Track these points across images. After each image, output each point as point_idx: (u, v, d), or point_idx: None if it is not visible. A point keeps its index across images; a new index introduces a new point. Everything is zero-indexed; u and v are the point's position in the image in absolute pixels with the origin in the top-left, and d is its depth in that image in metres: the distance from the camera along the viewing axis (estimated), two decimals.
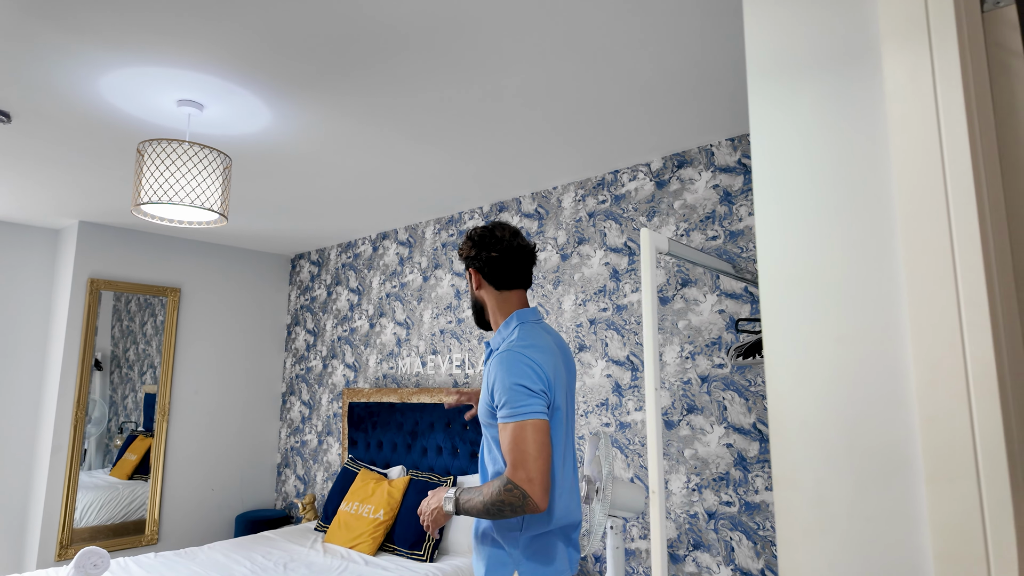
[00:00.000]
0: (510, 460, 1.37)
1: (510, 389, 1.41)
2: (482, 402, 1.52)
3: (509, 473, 1.37)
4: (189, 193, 2.07)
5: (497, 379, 1.43)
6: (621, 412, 2.70)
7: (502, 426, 1.41)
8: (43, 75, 2.01)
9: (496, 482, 1.38)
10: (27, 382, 3.81)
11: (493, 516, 1.38)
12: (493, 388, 1.45)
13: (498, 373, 1.43)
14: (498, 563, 1.48)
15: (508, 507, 1.36)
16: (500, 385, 1.42)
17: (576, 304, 2.93)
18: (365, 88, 2.09)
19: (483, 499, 1.38)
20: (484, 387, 1.52)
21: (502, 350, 1.48)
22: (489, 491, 1.38)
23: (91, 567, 2.13)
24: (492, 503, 1.36)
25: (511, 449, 1.37)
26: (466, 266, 1.65)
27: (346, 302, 4.21)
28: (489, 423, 1.52)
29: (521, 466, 1.36)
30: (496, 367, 1.45)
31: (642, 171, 2.79)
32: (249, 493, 4.41)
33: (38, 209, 3.54)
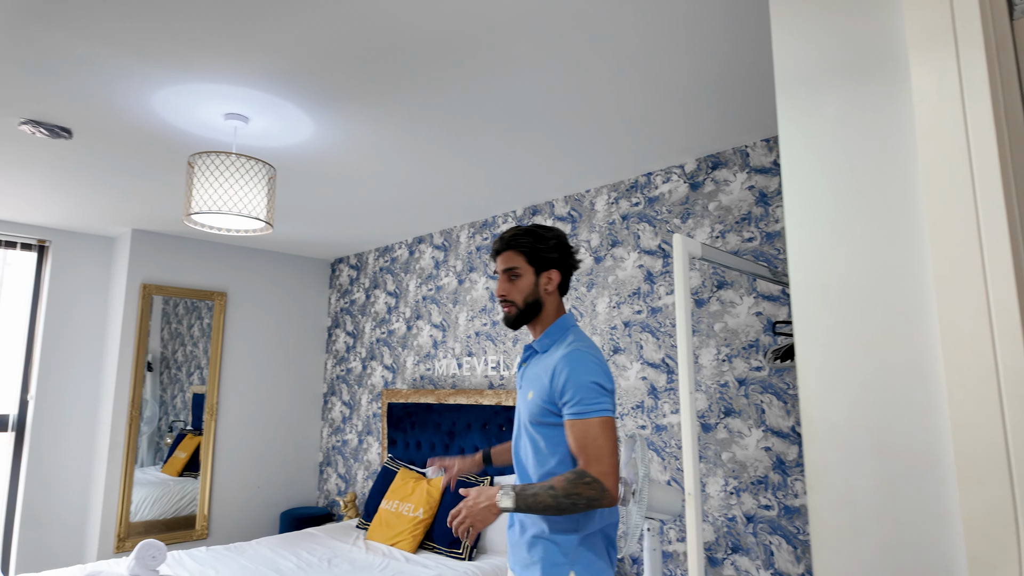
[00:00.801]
0: (586, 455, 1.40)
1: (585, 386, 1.44)
2: (534, 402, 1.52)
3: (585, 467, 1.39)
4: (237, 203, 2.16)
5: (568, 376, 1.44)
6: (657, 415, 2.70)
7: (573, 422, 1.43)
8: (102, 93, 2.13)
9: (570, 476, 1.38)
10: (86, 382, 4.01)
11: (564, 511, 1.36)
12: (561, 386, 1.45)
13: (569, 371, 1.45)
14: (553, 565, 1.47)
15: (584, 500, 1.37)
16: (573, 382, 1.43)
17: (610, 307, 2.94)
18: (402, 97, 2.15)
19: (555, 493, 1.36)
20: (540, 386, 1.51)
21: (570, 350, 1.49)
22: (564, 485, 1.37)
23: (150, 559, 2.24)
24: (567, 496, 1.35)
25: (586, 444, 1.40)
26: (544, 264, 1.60)
27: (384, 305, 4.31)
28: (542, 422, 1.50)
29: (597, 461, 1.38)
30: (564, 365, 1.46)
31: (676, 173, 2.78)
32: (293, 491, 4.55)
33: (95, 218, 3.73)
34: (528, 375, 1.60)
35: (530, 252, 1.59)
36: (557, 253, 1.61)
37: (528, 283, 1.60)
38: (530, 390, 1.54)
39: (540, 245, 1.60)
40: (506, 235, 1.63)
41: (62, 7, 1.64)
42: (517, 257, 1.59)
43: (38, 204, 3.43)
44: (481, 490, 1.41)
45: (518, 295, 1.58)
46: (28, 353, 3.92)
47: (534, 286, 1.60)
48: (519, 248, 1.59)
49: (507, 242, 1.61)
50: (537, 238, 1.61)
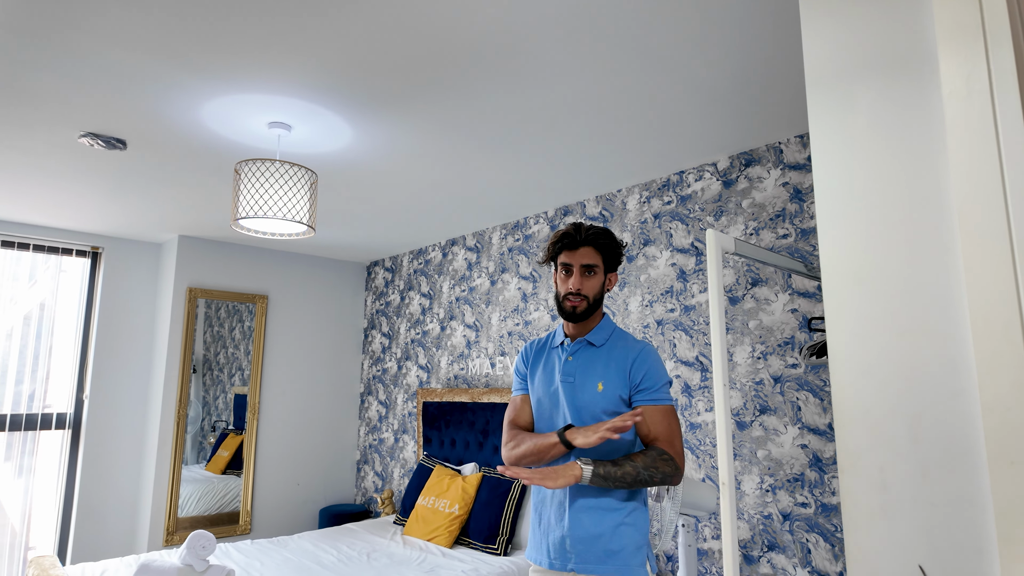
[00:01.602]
0: (665, 435, 1.54)
1: (662, 377, 1.60)
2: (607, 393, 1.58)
3: (665, 446, 1.54)
4: (281, 207, 2.26)
5: (649, 368, 1.59)
6: (691, 413, 2.71)
7: (653, 408, 1.56)
8: (155, 106, 2.25)
9: (649, 452, 1.51)
10: (136, 382, 4.19)
11: (641, 484, 1.48)
12: (641, 376, 1.57)
13: (650, 363, 1.60)
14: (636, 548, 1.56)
15: (660, 475, 1.50)
16: (653, 373, 1.59)
17: (643, 305, 2.96)
18: (436, 103, 2.22)
19: (635, 466, 1.48)
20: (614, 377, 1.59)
21: (645, 346, 1.63)
22: (644, 460, 1.49)
23: (200, 548, 2.35)
24: (646, 469, 1.48)
25: (666, 427, 1.55)
26: (611, 266, 1.68)
27: (418, 306, 4.39)
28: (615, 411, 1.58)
29: (673, 441, 1.55)
30: (644, 358, 1.60)
31: (708, 171, 2.79)
32: (331, 488, 4.66)
33: (145, 225, 3.90)
34: (584, 367, 1.64)
35: (607, 253, 1.66)
36: (621, 259, 1.71)
37: (600, 281, 1.67)
38: (599, 381, 1.61)
39: (616, 248, 1.68)
40: (583, 230, 1.65)
41: (119, 25, 1.75)
42: (596, 255, 1.65)
43: (92, 212, 3.60)
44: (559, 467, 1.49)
45: (591, 291, 1.64)
46: (83, 354, 4.12)
47: (602, 285, 1.68)
48: (599, 247, 1.66)
49: (589, 238, 1.64)
50: (613, 240, 1.69)
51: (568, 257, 1.65)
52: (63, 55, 1.90)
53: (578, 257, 1.64)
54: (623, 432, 1.47)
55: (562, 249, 1.66)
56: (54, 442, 4.12)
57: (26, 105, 2.24)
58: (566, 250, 1.65)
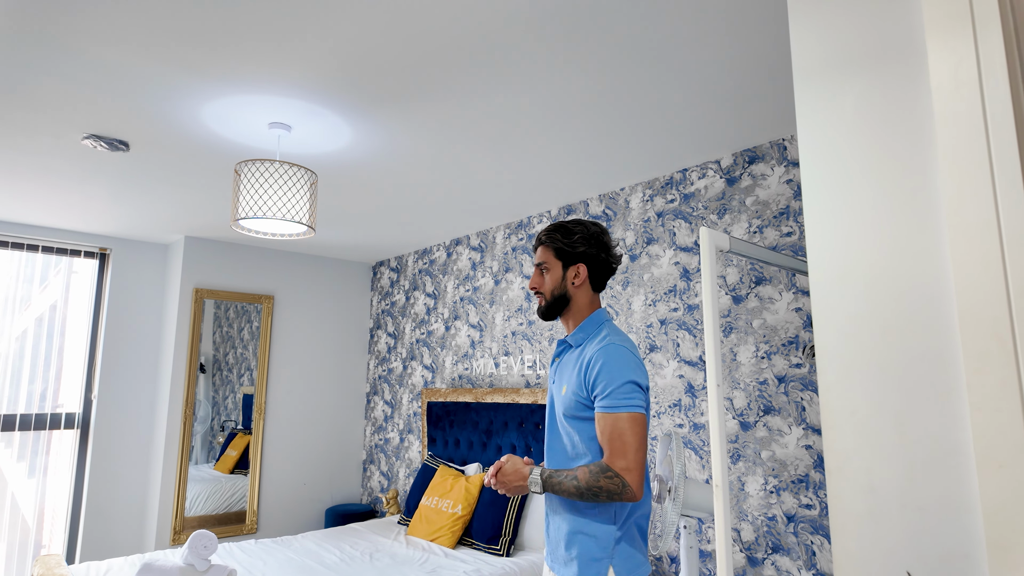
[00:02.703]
0: (611, 448, 1.42)
1: (618, 381, 1.45)
2: (568, 396, 1.54)
3: (608, 461, 1.41)
4: (281, 208, 2.26)
5: (601, 370, 1.46)
6: (694, 413, 2.68)
7: (602, 415, 1.44)
8: (156, 108, 2.26)
9: (593, 468, 1.42)
10: (144, 383, 4.23)
11: (588, 499, 1.41)
12: (593, 379, 1.47)
13: (602, 364, 1.47)
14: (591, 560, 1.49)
15: (605, 493, 1.40)
16: (606, 375, 1.45)
17: (646, 304, 2.94)
18: (436, 102, 2.21)
19: (578, 483, 1.41)
20: (574, 380, 1.53)
21: (605, 344, 1.51)
22: (586, 476, 1.41)
23: (202, 548, 2.36)
24: (588, 488, 1.40)
25: (612, 438, 1.42)
26: (570, 259, 1.63)
27: (423, 306, 4.39)
28: (576, 416, 1.53)
29: (621, 455, 1.40)
30: (600, 358, 1.48)
31: (712, 168, 2.76)
32: (337, 488, 4.67)
33: (151, 227, 3.93)
34: (561, 369, 1.64)
35: (557, 247, 1.65)
36: (584, 247, 1.62)
37: (556, 277, 1.65)
38: (564, 384, 1.57)
39: (565, 239, 1.64)
40: (542, 231, 1.72)
41: (119, 28, 1.75)
42: (547, 251, 1.67)
43: (99, 214, 3.64)
44: (519, 467, 1.52)
45: (547, 287, 1.66)
46: (91, 354, 4.16)
47: (561, 280, 1.64)
48: (548, 243, 1.68)
49: (540, 239, 1.71)
50: (565, 232, 1.65)
51: (534, 258, 1.74)
52: (65, 58, 1.92)
53: (536, 257, 1.71)
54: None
55: (534, 252, 1.76)
56: (65, 442, 4.16)
57: (30, 108, 2.26)
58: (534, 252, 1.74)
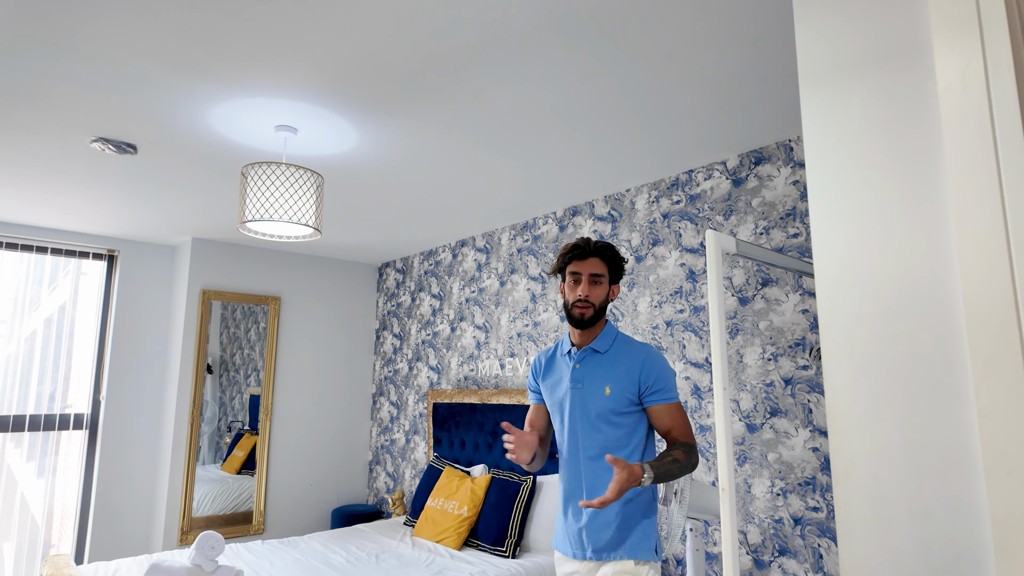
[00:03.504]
0: (682, 429, 1.69)
1: (672, 376, 1.73)
2: (614, 396, 1.70)
3: (685, 437, 1.68)
4: (287, 210, 2.27)
5: (656, 368, 1.71)
6: (701, 415, 2.67)
7: (666, 407, 1.69)
8: (164, 111, 2.28)
9: (681, 447, 1.64)
10: (151, 384, 4.25)
11: (684, 473, 1.62)
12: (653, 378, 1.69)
13: (659, 365, 1.72)
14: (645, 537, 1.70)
15: (691, 466, 1.64)
16: (661, 373, 1.71)
17: (652, 306, 2.93)
18: (441, 104, 2.21)
19: (680, 464, 1.60)
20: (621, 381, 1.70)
21: (650, 349, 1.74)
22: (683, 455, 1.62)
23: (209, 549, 2.37)
24: (687, 463, 1.62)
25: (681, 421, 1.70)
26: (615, 278, 1.82)
27: (429, 307, 4.40)
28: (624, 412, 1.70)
29: (689, 433, 1.70)
30: (653, 361, 1.72)
31: (718, 169, 2.75)
32: (344, 488, 4.69)
33: (158, 228, 3.95)
34: (591, 373, 1.76)
35: (612, 264, 1.80)
36: (622, 273, 1.85)
37: (605, 291, 1.80)
38: (606, 384, 1.73)
39: (620, 261, 1.83)
40: (591, 243, 1.80)
41: (126, 32, 1.76)
42: (603, 265, 1.78)
43: (108, 216, 3.66)
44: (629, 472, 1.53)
45: (597, 298, 1.77)
46: (99, 355, 4.18)
47: (607, 294, 1.81)
48: (606, 258, 1.79)
49: (598, 250, 1.79)
50: (618, 254, 1.84)
51: (577, 267, 1.78)
52: (74, 61, 1.93)
53: (587, 267, 1.77)
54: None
55: (572, 259, 1.79)
56: (74, 442, 4.19)
57: (39, 111, 2.28)
58: (575, 260, 1.79)
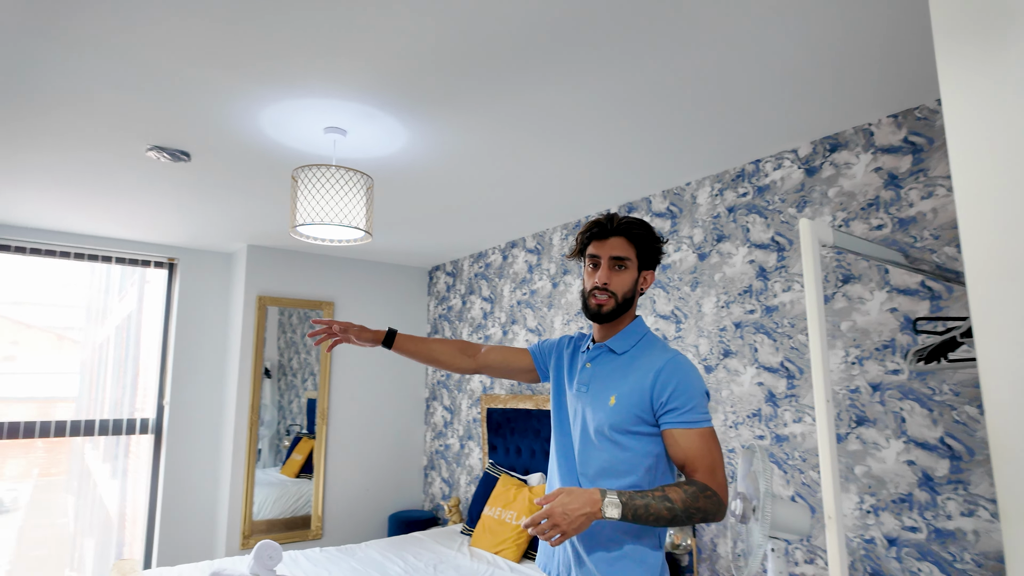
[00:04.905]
0: (704, 465, 1.31)
1: (699, 394, 1.36)
2: (620, 408, 1.37)
3: (705, 478, 1.31)
4: (337, 213, 2.21)
5: (680, 383, 1.34)
6: (776, 424, 2.48)
7: (686, 431, 1.33)
8: (214, 116, 2.26)
9: (686, 487, 1.28)
10: (211, 389, 4.32)
11: (678, 523, 1.27)
12: (669, 393, 1.34)
13: (680, 377, 1.35)
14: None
15: (701, 514, 1.28)
16: (684, 389, 1.34)
17: (718, 307, 2.75)
18: (491, 100, 2.11)
19: (672, 506, 1.23)
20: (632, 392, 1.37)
21: (673, 356, 1.39)
22: (681, 497, 1.25)
23: (267, 559, 2.34)
24: (685, 510, 1.25)
25: (704, 454, 1.32)
26: (646, 262, 1.47)
27: (479, 311, 4.31)
28: (631, 431, 1.36)
29: (712, 472, 1.32)
30: (672, 371, 1.36)
31: (788, 158, 2.55)
32: (400, 494, 4.66)
33: (215, 236, 4.01)
34: (600, 377, 1.45)
35: (642, 245, 1.46)
36: (659, 256, 1.50)
37: (631, 278, 1.46)
38: (612, 394, 1.40)
39: (653, 241, 1.47)
40: (614, 219, 1.46)
41: (176, 36, 1.74)
42: (628, 246, 1.45)
43: (166, 225, 3.73)
44: (575, 492, 1.23)
45: (620, 287, 1.44)
46: (163, 361, 4.28)
47: (634, 283, 1.47)
48: (632, 237, 1.45)
49: (621, 227, 1.45)
50: (650, 232, 1.48)
51: (597, 248, 1.46)
52: (125, 68, 1.92)
53: (607, 248, 1.44)
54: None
55: (591, 240, 1.47)
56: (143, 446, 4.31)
57: (94, 120, 2.30)
58: (595, 240, 1.46)
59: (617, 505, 1.22)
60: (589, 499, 1.22)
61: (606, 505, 1.22)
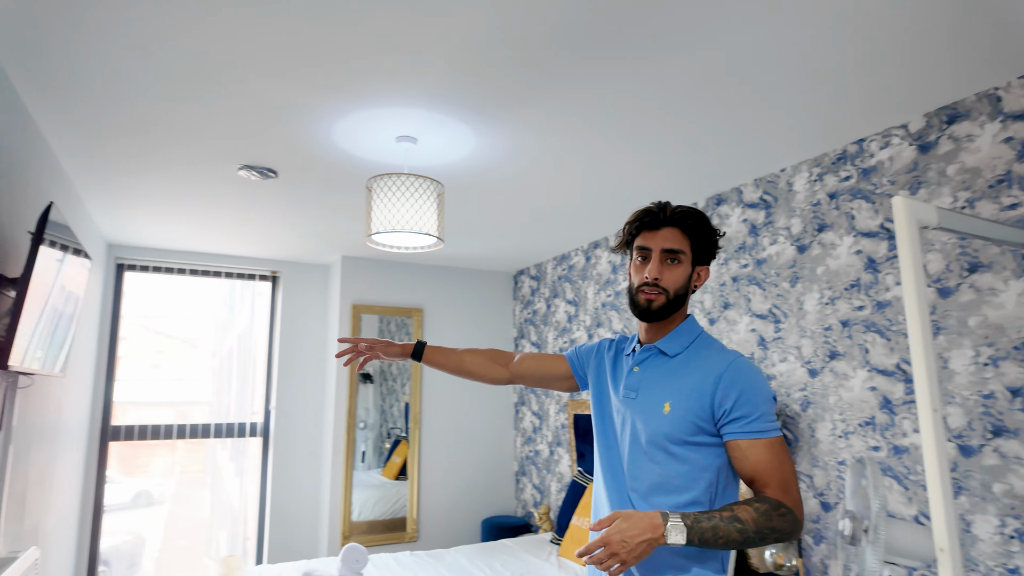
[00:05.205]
0: (776, 480, 1.20)
1: (766, 400, 1.25)
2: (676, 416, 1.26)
3: (778, 494, 1.19)
4: (409, 220, 2.23)
5: (745, 389, 1.24)
6: (894, 433, 2.20)
7: (754, 442, 1.21)
8: (295, 132, 2.35)
9: (758, 506, 1.16)
10: (312, 394, 4.54)
11: (749, 546, 1.16)
12: (733, 400, 1.23)
13: (746, 383, 1.24)
14: None
15: (775, 535, 1.16)
16: (751, 396, 1.23)
17: (822, 303, 2.49)
18: (558, 96, 2.04)
19: (743, 527, 1.12)
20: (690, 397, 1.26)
21: (736, 359, 1.28)
22: (752, 516, 1.14)
23: (353, 562, 2.39)
24: (757, 531, 1.13)
25: (776, 467, 1.20)
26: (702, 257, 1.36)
27: (564, 314, 4.22)
28: (689, 441, 1.25)
29: (785, 487, 1.20)
30: (736, 376, 1.25)
31: (896, 135, 2.27)
32: (493, 498, 4.66)
33: (311, 248, 4.21)
34: (651, 382, 1.34)
35: (697, 238, 1.33)
36: (715, 250, 1.37)
37: (684, 273, 1.34)
38: (666, 400, 1.28)
39: (709, 234, 1.35)
40: (667, 208, 1.34)
41: (251, 56, 1.81)
42: (683, 239, 1.33)
43: (267, 240, 3.96)
44: (634, 516, 1.12)
45: (672, 283, 1.32)
46: (269, 368, 4.56)
47: (687, 279, 1.34)
48: (687, 229, 1.33)
49: (675, 217, 1.33)
50: (707, 224, 1.35)
51: (646, 240, 1.34)
52: (211, 90, 2.04)
53: (659, 240, 1.32)
54: None
55: (640, 230, 1.35)
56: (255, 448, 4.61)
57: (191, 144, 2.46)
58: (645, 231, 1.35)
59: (681, 529, 1.11)
60: (650, 524, 1.11)
61: (669, 530, 1.11)
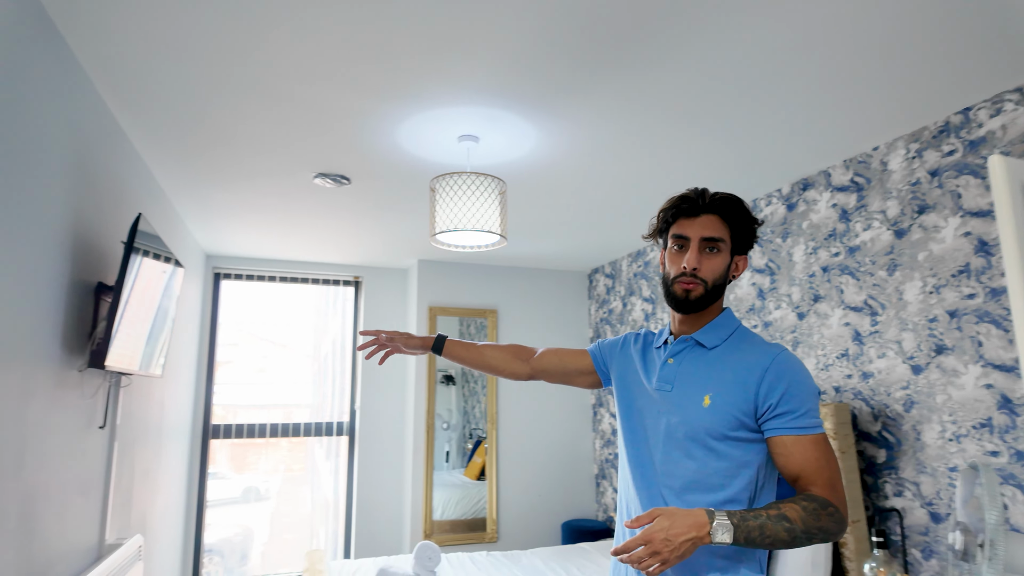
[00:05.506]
0: (823, 478, 1.15)
1: (812, 396, 1.20)
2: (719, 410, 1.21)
3: (824, 492, 1.14)
4: (471, 218, 2.22)
5: (792, 384, 1.19)
6: (1016, 436, 1.94)
7: (799, 439, 1.17)
8: (363, 138, 2.41)
9: (806, 504, 1.11)
10: (393, 394, 4.66)
11: (796, 546, 1.11)
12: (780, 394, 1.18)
13: (792, 377, 1.20)
14: None
15: (821, 535, 1.11)
16: (798, 391, 1.19)
17: (924, 292, 2.25)
18: (618, 86, 1.96)
19: (791, 526, 1.07)
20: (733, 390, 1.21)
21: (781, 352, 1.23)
22: (800, 515, 1.09)
23: (426, 560, 2.41)
24: (805, 531, 1.09)
25: (823, 465, 1.16)
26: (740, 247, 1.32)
27: (641, 312, 4.08)
28: (731, 437, 1.20)
29: (832, 486, 1.15)
30: (782, 369, 1.20)
31: (1010, 100, 2.01)
32: (572, 501, 4.58)
33: (389, 253, 4.33)
34: (688, 375, 1.28)
35: (737, 226, 1.29)
36: (754, 239, 1.32)
37: (724, 263, 1.29)
38: (705, 393, 1.23)
39: (749, 222, 1.30)
40: (706, 194, 1.29)
41: (311, 64, 1.87)
42: (722, 227, 1.28)
43: (348, 246, 4.11)
44: (677, 514, 1.07)
45: (711, 273, 1.27)
46: (353, 370, 4.73)
47: (726, 268, 1.29)
48: (727, 216, 1.28)
49: (714, 204, 1.28)
50: (747, 212, 1.31)
51: (684, 227, 1.29)
52: (277, 102, 2.13)
53: (697, 228, 1.28)
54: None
55: (677, 217, 1.30)
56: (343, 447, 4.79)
57: (268, 156, 2.58)
58: (682, 218, 1.30)
59: (728, 528, 1.06)
60: (695, 522, 1.06)
61: (715, 528, 1.06)
